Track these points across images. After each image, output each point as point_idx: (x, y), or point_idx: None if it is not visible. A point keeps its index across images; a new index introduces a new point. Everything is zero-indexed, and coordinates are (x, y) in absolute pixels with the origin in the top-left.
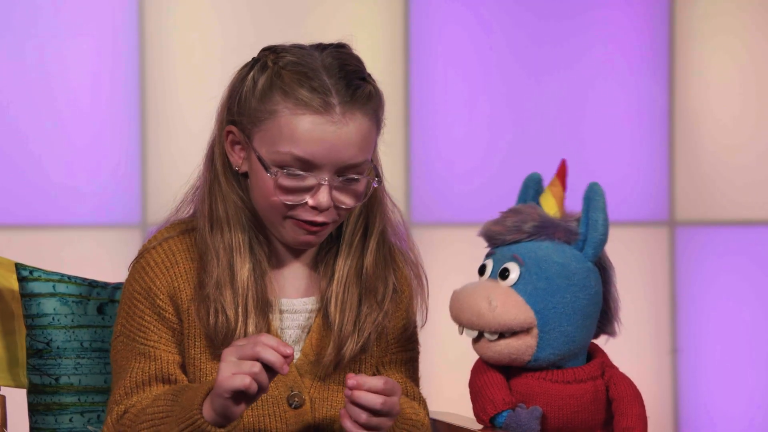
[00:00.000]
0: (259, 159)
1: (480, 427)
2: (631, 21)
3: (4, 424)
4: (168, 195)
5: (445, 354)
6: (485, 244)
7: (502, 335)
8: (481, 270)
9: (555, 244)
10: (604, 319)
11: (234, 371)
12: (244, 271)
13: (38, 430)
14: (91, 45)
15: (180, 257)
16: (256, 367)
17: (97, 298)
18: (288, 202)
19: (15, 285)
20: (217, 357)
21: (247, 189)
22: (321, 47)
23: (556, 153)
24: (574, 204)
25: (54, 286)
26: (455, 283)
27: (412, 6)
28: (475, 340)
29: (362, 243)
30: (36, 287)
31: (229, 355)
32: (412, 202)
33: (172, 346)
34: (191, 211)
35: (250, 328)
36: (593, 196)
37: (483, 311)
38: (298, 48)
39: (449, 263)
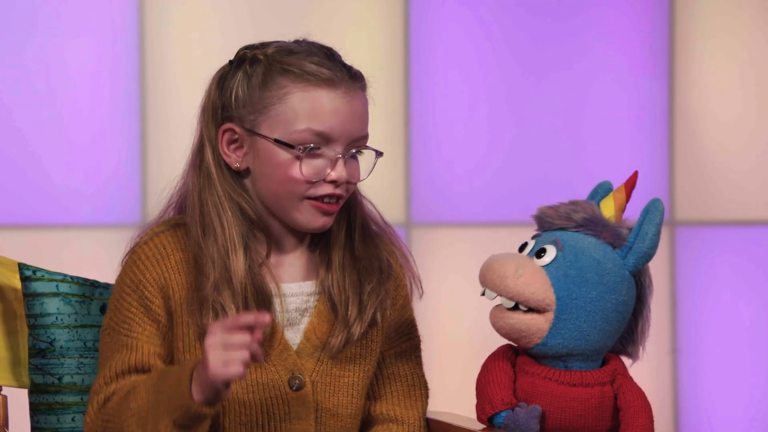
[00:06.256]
0: (278, 141)
1: (481, 427)
2: (631, 21)
3: (6, 425)
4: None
5: (445, 353)
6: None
7: (517, 307)
8: (522, 247)
9: (599, 242)
10: (629, 338)
11: (225, 359)
12: (240, 270)
13: (40, 430)
14: (91, 45)
15: (171, 249)
16: (246, 354)
17: (99, 298)
18: (312, 179)
19: (17, 285)
20: None
21: (243, 186)
22: (294, 41)
23: (556, 153)
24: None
25: (57, 286)
26: (455, 283)
27: (412, 6)
28: (493, 310)
29: (349, 232)
30: (39, 287)
31: (213, 343)
32: (412, 202)
33: (154, 339)
34: (172, 213)
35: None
36: (652, 209)
37: (507, 276)
38: (274, 41)
39: (449, 263)
